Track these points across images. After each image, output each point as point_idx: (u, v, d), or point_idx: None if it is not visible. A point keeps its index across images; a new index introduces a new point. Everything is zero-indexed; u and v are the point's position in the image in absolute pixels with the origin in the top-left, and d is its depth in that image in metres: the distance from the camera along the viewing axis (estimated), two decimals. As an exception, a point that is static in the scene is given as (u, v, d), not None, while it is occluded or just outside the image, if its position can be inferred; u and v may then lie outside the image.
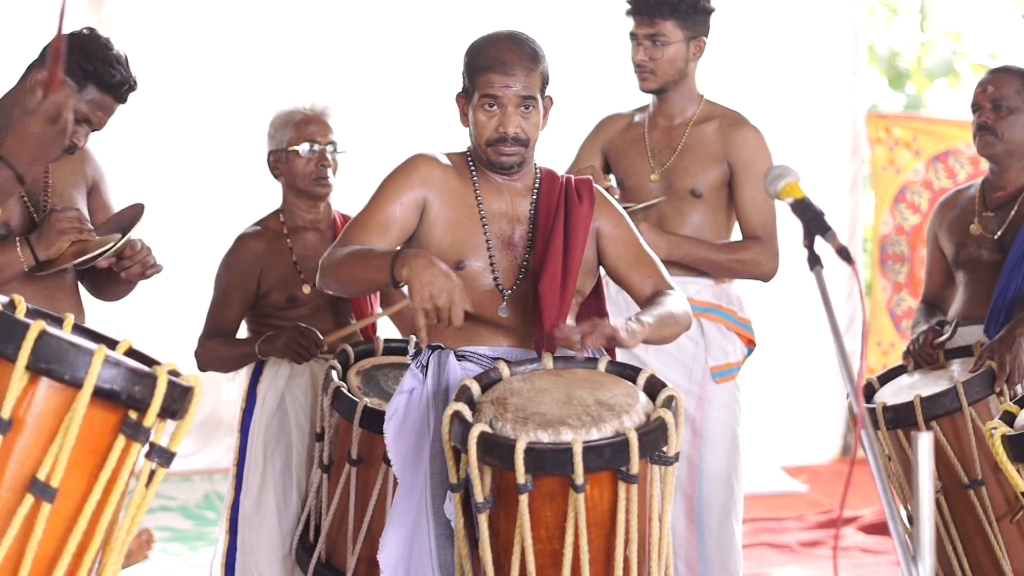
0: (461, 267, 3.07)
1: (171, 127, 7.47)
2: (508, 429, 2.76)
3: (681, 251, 4.10)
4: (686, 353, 4.14)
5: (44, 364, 2.33)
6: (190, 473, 7.50)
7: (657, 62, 4.12)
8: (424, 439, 3.05)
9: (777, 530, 6.71)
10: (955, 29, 11.14)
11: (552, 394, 2.87)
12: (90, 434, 2.38)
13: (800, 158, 7.39)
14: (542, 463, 2.70)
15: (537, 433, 2.73)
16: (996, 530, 3.59)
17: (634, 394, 2.89)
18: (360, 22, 7.46)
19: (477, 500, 2.77)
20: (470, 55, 3.14)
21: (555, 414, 2.79)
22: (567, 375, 2.97)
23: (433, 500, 3.01)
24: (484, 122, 3.09)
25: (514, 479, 2.71)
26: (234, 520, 4.02)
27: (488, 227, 3.12)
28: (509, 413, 2.79)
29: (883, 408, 3.72)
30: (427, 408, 3.06)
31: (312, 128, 4.02)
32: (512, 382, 2.93)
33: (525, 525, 2.73)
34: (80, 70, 3.37)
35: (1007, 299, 3.88)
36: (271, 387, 3.98)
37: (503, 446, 2.71)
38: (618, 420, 2.78)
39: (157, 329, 6.97)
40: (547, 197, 3.18)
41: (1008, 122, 3.96)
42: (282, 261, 4.02)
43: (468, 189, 3.14)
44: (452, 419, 2.81)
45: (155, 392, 2.40)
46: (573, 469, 2.69)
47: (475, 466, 2.75)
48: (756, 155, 4.15)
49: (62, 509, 2.38)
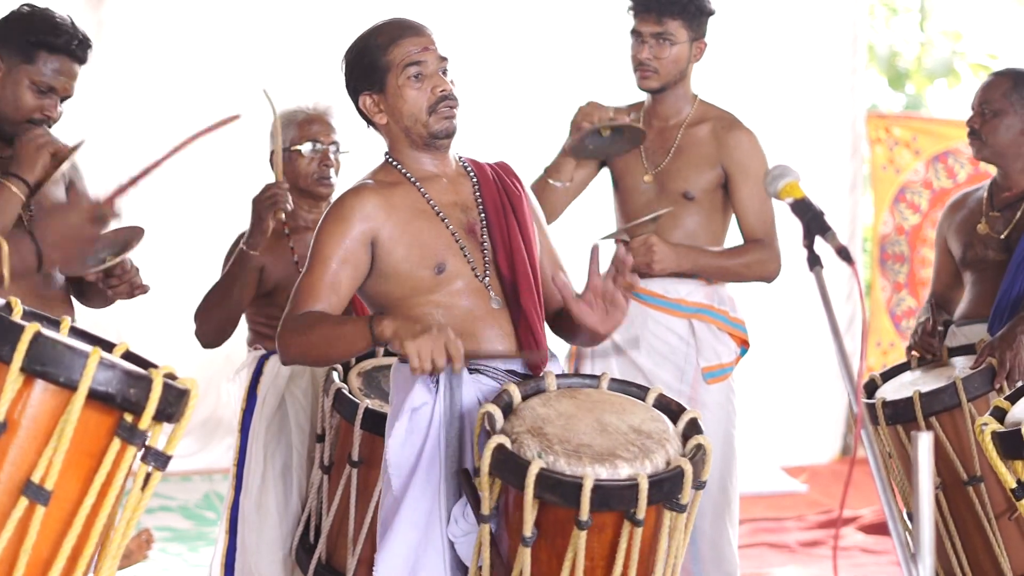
0: (442, 270, 2.97)
1: (171, 127, 7.47)
2: (563, 464, 2.67)
3: (690, 261, 4.10)
4: (677, 354, 4.14)
5: (39, 366, 2.32)
6: (190, 473, 7.50)
7: (662, 61, 4.12)
8: (435, 458, 2.94)
9: (777, 530, 6.71)
10: (955, 29, 11.14)
11: (583, 420, 2.81)
12: (85, 437, 2.37)
13: (800, 158, 7.39)
14: (607, 500, 2.65)
15: (595, 468, 2.67)
16: (995, 527, 3.59)
17: (660, 418, 2.87)
18: (361, 22, 7.45)
19: (525, 535, 2.68)
20: (366, 42, 3.04)
21: (603, 445, 2.73)
22: (582, 396, 2.91)
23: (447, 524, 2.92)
24: (416, 96, 2.98)
25: (566, 514, 2.65)
26: (234, 520, 4.02)
27: (448, 221, 3.02)
28: (557, 445, 2.70)
29: (882, 404, 3.73)
30: (439, 426, 2.94)
31: (315, 128, 4.02)
32: (535, 407, 2.84)
33: (579, 558, 2.68)
34: (27, 44, 3.29)
35: (1011, 297, 3.89)
36: (271, 387, 3.98)
37: (568, 484, 2.63)
38: (663, 450, 2.76)
39: (155, 329, 6.97)
40: (485, 180, 3.09)
41: (992, 126, 3.98)
42: (284, 261, 4.02)
43: (411, 193, 3.02)
44: (496, 451, 2.70)
45: (150, 395, 2.39)
46: (637, 504, 2.66)
47: (530, 502, 2.65)
48: (751, 158, 4.15)
49: (57, 512, 2.37)
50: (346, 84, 3.10)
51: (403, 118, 3.02)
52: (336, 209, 2.99)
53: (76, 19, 3.44)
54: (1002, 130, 3.97)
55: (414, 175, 3.05)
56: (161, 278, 7.40)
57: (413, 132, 3.02)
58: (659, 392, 2.96)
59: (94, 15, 7.16)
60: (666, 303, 4.16)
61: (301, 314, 2.93)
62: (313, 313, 2.93)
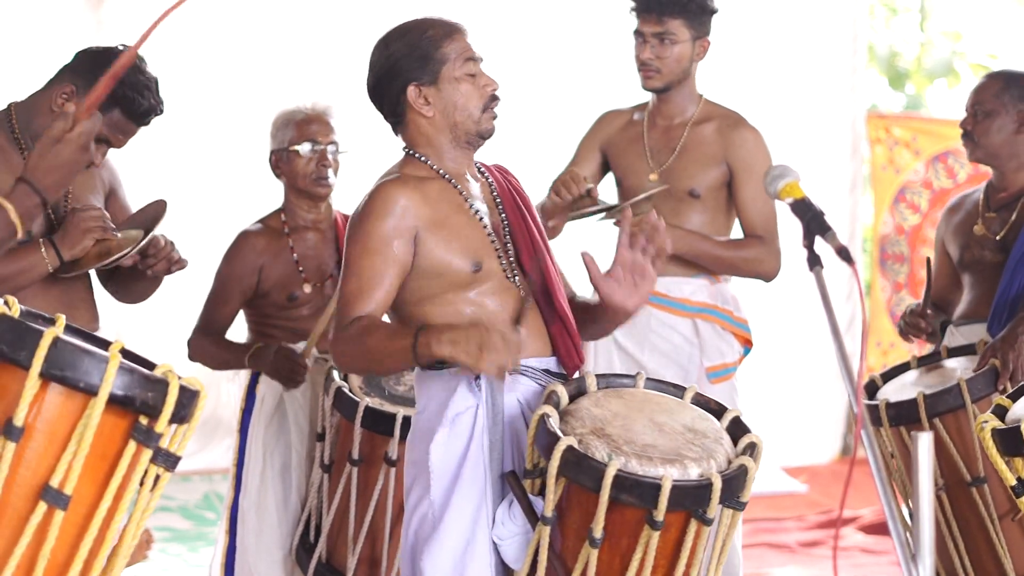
0: (479, 268, 2.91)
1: (171, 126, 7.46)
2: (635, 465, 2.68)
3: (686, 245, 4.09)
4: (682, 354, 4.14)
5: (58, 371, 2.30)
6: (190, 473, 7.50)
7: (664, 61, 4.11)
8: (478, 462, 2.88)
9: (777, 530, 6.71)
10: (955, 29, 11.14)
11: (638, 421, 2.82)
12: (101, 440, 2.36)
13: (800, 158, 7.39)
14: (682, 500, 2.66)
15: (667, 468, 2.68)
16: (998, 528, 3.59)
17: (707, 417, 2.89)
18: (361, 22, 7.46)
19: (595, 536, 2.67)
20: (420, 32, 2.93)
21: (667, 446, 2.75)
22: (627, 396, 2.92)
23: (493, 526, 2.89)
24: (471, 91, 2.92)
25: (634, 515, 2.66)
26: (234, 520, 4.02)
27: (483, 218, 2.96)
28: (624, 446, 2.71)
29: (886, 405, 3.72)
30: (483, 429, 2.88)
31: (314, 128, 4.02)
32: (589, 408, 2.84)
33: (649, 558, 2.70)
34: (110, 93, 3.26)
35: (1009, 298, 3.88)
36: (270, 387, 3.98)
37: (646, 484, 2.64)
38: (722, 449, 2.78)
39: (155, 329, 6.96)
40: (497, 181, 3.06)
41: (984, 127, 3.97)
42: (283, 260, 4.03)
43: (446, 188, 2.95)
44: (567, 453, 2.68)
45: (167, 398, 2.38)
46: (709, 504, 2.67)
47: (604, 503, 2.65)
48: (755, 156, 4.15)
49: (74, 516, 2.37)
50: (384, 75, 2.97)
51: (456, 111, 2.94)
52: (377, 204, 2.88)
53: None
54: (994, 131, 3.97)
55: (446, 171, 2.97)
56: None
57: (461, 127, 2.95)
58: (695, 390, 2.97)
59: (94, 15, 7.15)
60: (670, 302, 4.16)
61: (352, 322, 2.85)
62: (362, 322, 2.84)
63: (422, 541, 2.90)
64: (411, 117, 2.97)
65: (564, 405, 2.83)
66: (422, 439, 2.93)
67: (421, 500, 2.91)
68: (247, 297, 4.03)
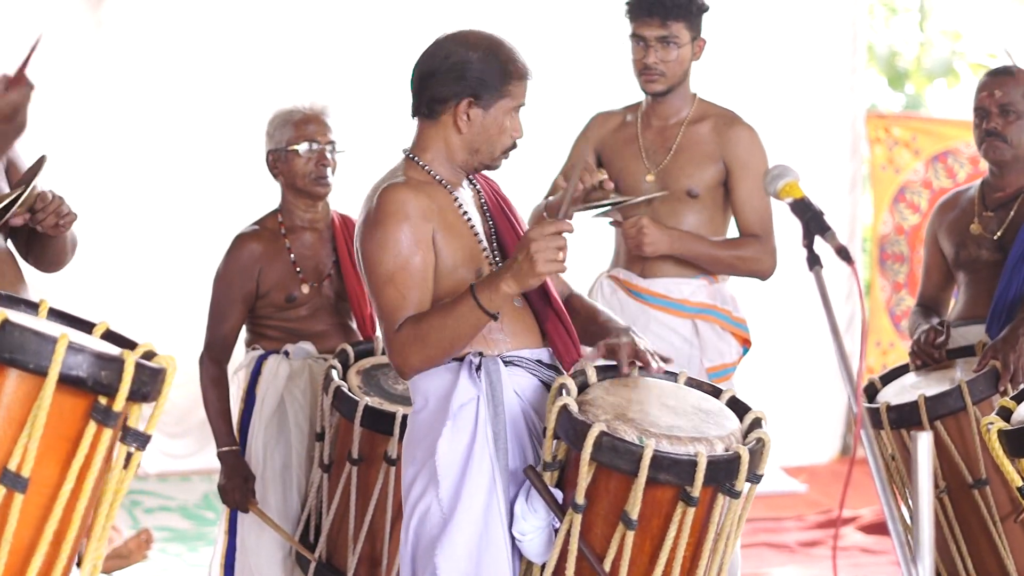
0: (481, 274, 2.96)
1: (170, 126, 7.47)
2: (667, 446, 2.74)
3: (683, 246, 4.09)
4: (681, 355, 4.13)
5: (8, 354, 2.29)
6: (189, 473, 7.50)
7: (668, 64, 4.10)
8: (484, 453, 2.90)
9: (776, 530, 6.72)
10: (955, 29, 11.15)
11: (652, 405, 2.89)
12: (60, 421, 2.35)
13: (800, 158, 7.39)
14: (715, 475, 2.74)
15: (696, 446, 2.76)
16: (1000, 530, 3.58)
17: (709, 398, 2.99)
18: (360, 22, 7.46)
19: (632, 518, 2.73)
20: (505, 60, 2.97)
21: (689, 425, 2.83)
22: (631, 383, 2.98)
23: (507, 517, 2.89)
24: (508, 128, 2.98)
25: (664, 494, 2.73)
26: (233, 520, 4.02)
27: (475, 226, 3.03)
28: (651, 428, 2.77)
29: (887, 408, 3.71)
30: (486, 420, 2.91)
31: (311, 127, 4.01)
32: (603, 396, 2.89)
33: (683, 535, 2.76)
34: None
35: (1008, 299, 3.87)
36: (270, 387, 3.97)
37: (684, 463, 2.71)
38: (734, 425, 2.89)
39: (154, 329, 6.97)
40: (484, 187, 3.14)
41: (1017, 127, 3.92)
42: (280, 261, 4.02)
43: (445, 196, 3.00)
44: (601, 438, 2.72)
45: (123, 376, 2.36)
46: (737, 476, 2.76)
47: (642, 485, 2.70)
48: (751, 153, 4.14)
49: (36, 498, 2.36)
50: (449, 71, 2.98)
51: (484, 142, 2.99)
52: (393, 207, 2.91)
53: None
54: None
55: (444, 179, 3.03)
56: (160, 276, 7.42)
57: (478, 157, 3.01)
58: (686, 375, 3.06)
59: (93, 15, 7.14)
60: (669, 304, 4.15)
61: (400, 327, 2.88)
62: (411, 320, 2.88)
63: (426, 539, 2.90)
64: (444, 121, 3.00)
65: (576, 396, 2.87)
66: (424, 437, 2.94)
67: (422, 498, 2.92)
68: (249, 304, 4.01)
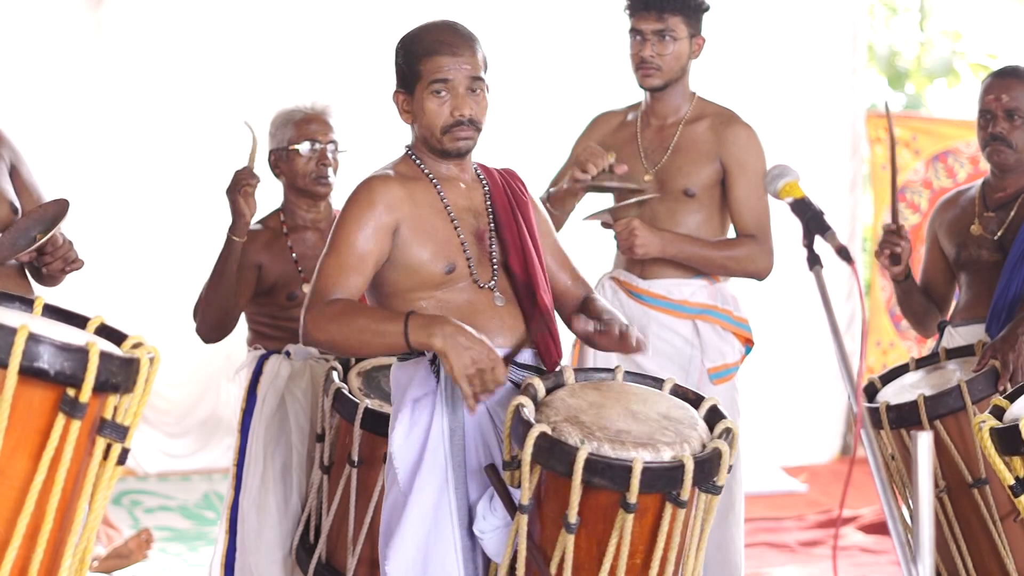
0: (452, 270, 3.03)
1: (170, 126, 7.47)
2: (608, 449, 2.72)
3: (675, 248, 4.09)
4: (682, 355, 4.13)
5: None
6: (189, 473, 7.51)
7: (664, 58, 4.11)
8: (438, 449, 2.97)
9: (776, 530, 6.72)
10: (955, 29, 11.15)
11: (613, 409, 2.86)
12: (29, 414, 2.34)
13: (800, 158, 7.40)
14: (655, 482, 2.70)
15: (639, 452, 2.72)
16: (1000, 529, 3.58)
17: (683, 405, 2.95)
18: (360, 22, 7.46)
19: (569, 521, 2.71)
20: (408, 45, 3.10)
21: (641, 431, 2.79)
22: (604, 388, 2.97)
23: (459, 514, 2.94)
24: (435, 109, 3.05)
25: (609, 499, 2.70)
26: (234, 520, 4.02)
27: (459, 225, 3.08)
28: (597, 432, 2.75)
29: (886, 408, 3.71)
30: (441, 416, 2.97)
31: (313, 127, 4.02)
32: (564, 398, 2.89)
33: (624, 541, 2.72)
34: None
35: (1008, 299, 3.87)
36: (271, 387, 3.98)
37: (617, 467, 2.68)
38: (696, 434, 2.82)
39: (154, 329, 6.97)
40: (495, 186, 3.17)
41: (1023, 132, 3.93)
42: (282, 260, 4.03)
43: (430, 191, 3.09)
44: (540, 439, 2.73)
45: (87, 367, 2.33)
46: (681, 485, 2.71)
47: (577, 487, 2.69)
48: (749, 153, 4.14)
49: (8, 491, 2.34)
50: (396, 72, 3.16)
51: (424, 128, 3.09)
52: (364, 194, 3.04)
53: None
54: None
55: (434, 175, 3.12)
56: (161, 276, 7.42)
57: (430, 142, 3.11)
58: (673, 382, 3.03)
59: (93, 16, 7.15)
60: (669, 304, 4.15)
61: (333, 300, 2.96)
62: (346, 302, 2.96)
63: (388, 531, 2.98)
64: (403, 118, 3.15)
65: (541, 397, 2.89)
66: (391, 427, 3.03)
67: (390, 489, 3.01)
68: (248, 296, 4.02)
